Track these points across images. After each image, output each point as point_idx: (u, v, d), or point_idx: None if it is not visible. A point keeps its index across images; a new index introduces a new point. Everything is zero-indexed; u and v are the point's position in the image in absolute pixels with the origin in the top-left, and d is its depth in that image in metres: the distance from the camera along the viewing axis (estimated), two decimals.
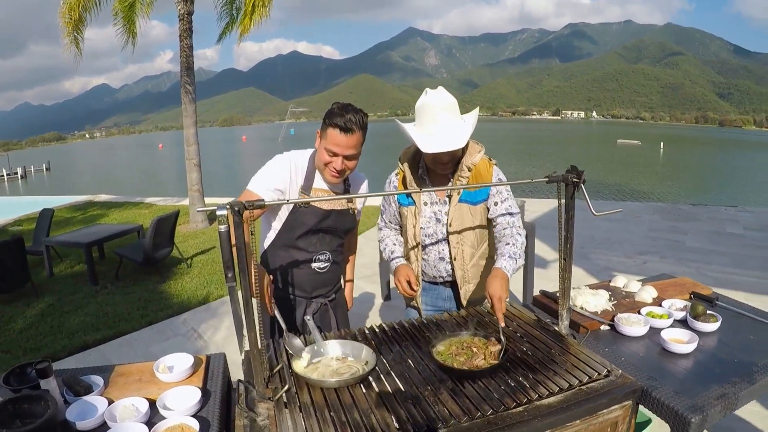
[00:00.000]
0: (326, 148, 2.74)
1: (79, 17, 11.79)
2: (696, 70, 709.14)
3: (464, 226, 3.05)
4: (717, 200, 26.55)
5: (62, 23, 11.87)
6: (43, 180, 62.93)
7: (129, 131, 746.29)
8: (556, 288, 2.68)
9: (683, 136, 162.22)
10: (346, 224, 3.08)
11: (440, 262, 3.14)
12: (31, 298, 7.59)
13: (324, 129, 2.75)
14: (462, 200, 3.03)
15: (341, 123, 2.67)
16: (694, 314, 2.82)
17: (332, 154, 2.74)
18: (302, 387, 2.14)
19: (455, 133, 2.79)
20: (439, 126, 2.78)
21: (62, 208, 16.58)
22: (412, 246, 3.16)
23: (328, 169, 2.80)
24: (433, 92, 2.86)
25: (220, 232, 1.77)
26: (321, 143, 2.78)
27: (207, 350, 5.76)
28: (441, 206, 3.08)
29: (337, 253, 3.13)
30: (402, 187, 3.14)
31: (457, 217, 3.03)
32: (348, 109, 2.71)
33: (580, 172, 2.34)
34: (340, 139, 2.70)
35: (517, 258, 2.90)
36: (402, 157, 3.16)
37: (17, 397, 2.07)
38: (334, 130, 2.69)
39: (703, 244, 9.26)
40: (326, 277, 3.10)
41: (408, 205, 3.13)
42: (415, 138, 2.81)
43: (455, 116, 2.85)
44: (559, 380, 2.13)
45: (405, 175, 3.11)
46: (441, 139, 2.76)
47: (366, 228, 11.04)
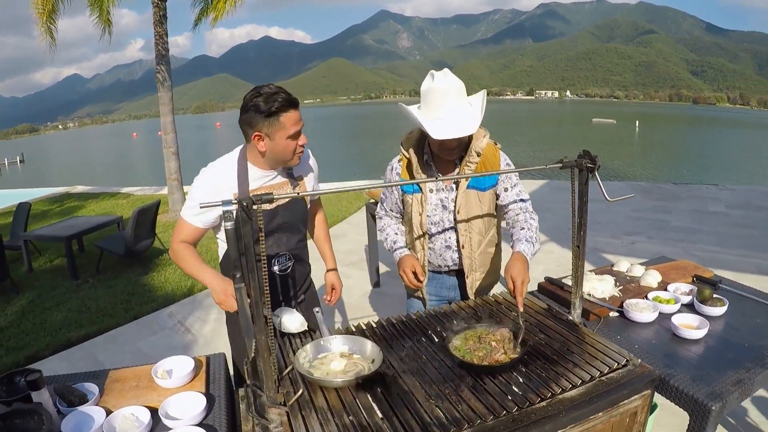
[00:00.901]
0: (289, 136, 2.53)
1: (52, 7, 11.58)
2: (669, 48, 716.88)
3: (472, 214, 2.95)
4: (697, 178, 26.71)
5: (35, 14, 11.63)
6: (18, 172, 62.24)
7: (102, 121, 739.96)
8: (548, 270, 2.63)
9: (658, 114, 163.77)
10: (299, 215, 2.89)
11: (446, 251, 3.04)
12: (11, 295, 7.40)
13: (272, 122, 2.48)
14: (470, 186, 2.92)
15: (287, 99, 2.48)
16: (702, 298, 2.80)
17: (296, 135, 2.56)
18: (315, 390, 2.02)
19: (465, 118, 2.68)
20: (448, 110, 2.66)
21: (39, 201, 16.33)
22: (417, 235, 3.05)
23: (297, 155, 2.64)
24: (439, 75, 2.71)
25: (227, 229, 1.67)
26: (277, 137, 2.52)
27: (196, 344, 5.67)
28: (447, 193, 2.97)
29: (299, 249, 2.96)
30: (406, 174, 3.02)
31: (464, 204, 2.93)
32: (274, 88, 2.51)
33: (594, 157, 2.26)
34: (296, 115, 2.52)
35: (534, 242, 2.83)
36: (405, 142, 3.04)
37: (8, 412, 1.96)
38: (287, 112, 2.48)
39: (687, 223, 9.28)
40: (290, 279, 2.93)
41: (413, 193, 3.01)
42: (424, 124, 2.67)
43: (463, 100, 2.73)
44: (580, 372, 2.07)
45: (410, 162, 2.99)
46: (450, 124, 2.64)
47: (349, 213, 10.98)
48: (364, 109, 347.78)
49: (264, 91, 2.47)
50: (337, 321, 6.05)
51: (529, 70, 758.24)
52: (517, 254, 2.73)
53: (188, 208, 2.68)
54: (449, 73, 2.72)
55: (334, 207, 11.33)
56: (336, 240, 8.98)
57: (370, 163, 38.57)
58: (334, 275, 3.24)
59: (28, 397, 2.06)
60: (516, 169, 2.63)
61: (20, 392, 2.17)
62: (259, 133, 2.51)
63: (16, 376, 2.30)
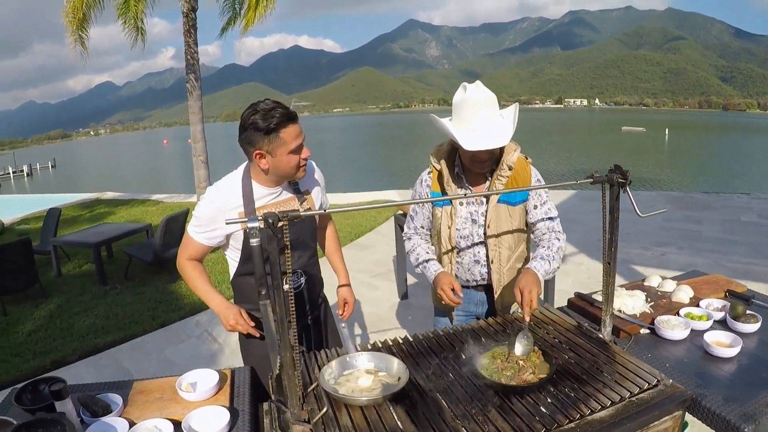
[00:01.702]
0: (291, 151, 2.48)
1: (83, 15, 11.70)
2: (698, 54, 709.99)
3: (502, 229, 2.92)
4: (727, 187, 26.41)
5: (66, 22, 11.77)
6: (49, 177, 63.18)
7: (133, 128, 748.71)
8: (578, 282, 2.59)
9: (688, 122, 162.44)
10: (308, 231, 2.84)
11: (475, 265, 3.01)
12: (39, 300, 7.50)
13: (272, 139, 2.44)
14: (501, 201, 2.89)
15: (287, 115, 2.43)
16: (734, 315, 2.72)
17: (298, 149, 2.51)
18: (340, 407, 2.00)
19: (498, 130, 2.66)
20: (480, 122, 2.63)
21: (69, 207, 16.52)
22: (446, 249, 3.00)
23: (301, 168, 2.60)
24: (472, 86, 2.69)
25: (253, 246, 1.65)
26: (279, 153, 2.48)
27: (222, 354, 5.69)
28: (477, 206, 2.93)
29: (310, 266, 2.92)
30: (437, 186, 2.96)
31: (495, 219, 2.89)
32: (271, 103, 2.46)
33: (626, 172, 2.21)
34: (296, 129, 2.48)
35: (551, 260, 2.83)
36: (435, 154, 2.99)
37: (32, 421, 1.95)
38: (287, 127, 2.43)
39: (719, 233, 9.13)
40: (302, 296, 2.89)
41: (443, 206, 2.96)
42: (456, 135, 2.64)
43: (495, 112, 2.71)
44: (609, 393, 2.03)
45: (441, 174, 2.93)
46: (482, 135, 2.62)
47: (377, 223, 10.88)
48: (393, 118, 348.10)
49: (261, 108, 2.44)
50: (365, 333, 6.03)
51: (557, 79, 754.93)
52: (526, 269, 2.76)
53: (193, 225, 2.69)
54: (481, 85, 2.70)
55: (362, 217, 11.28)
56: (364, 250, 9.02)
57: (398, 172, 38.62)
58: (347, 291, 3.19)
59: (51, 406, 2.07)
60: (547, 185, 2.60)
61: (44, 401, 2.17)
62: (260, 151, 2.48)
63: (40, 384, 2.29)
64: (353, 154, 60.32)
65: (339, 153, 16.68)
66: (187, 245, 2.75)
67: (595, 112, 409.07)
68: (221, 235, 2.67)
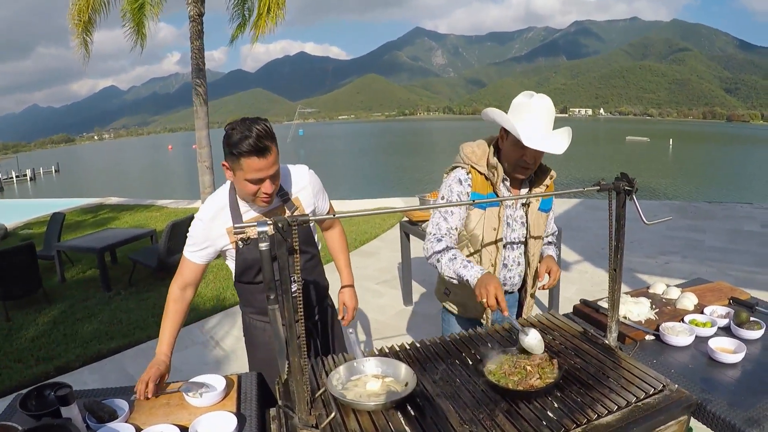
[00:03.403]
0: (247, 179, 2.42)
1: (89, 19, 11.76)
2: (702, 65, 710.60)
3: (539, 232, 3.08)
4: (731, 197, 26.40)
5: (71, 25, 11.86)
6: (53, 182, 63.16)
7: (138, 133, 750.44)
8: (583, 290, 2.60)
9: (692, 132, 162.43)
10: (303, 237, 2.82)
11: (517, 267, 3.09)
12: (43, 305, 7.50)
13: (234, 160, 2.39)
14: (540, 208, 3.04)
15: (254, 146, 2.33)
16: (738, 321, 2.74)
17: (257, 181, 2.43)
18: (348, 413, 2.00)
19: (555, 139, 2.73)
20: (542, 126, 2.70)
21: (73, 211, 16.59)
22: (489, 251, 3.00)
23: (259, 198, 2.51)
24: (538, 95, 2.75)
25: (262, 250, 1.66)
26: (237, 175, 2.44)
27: (227, 360, 5.69)
28: (512, 210, 3.00)
29: (308, 271, 2.92)
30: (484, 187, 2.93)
31: (534, 223, 3.03)
32: (250, 126, 2.34)
33: (632, 179, 2.24)
34: (260, 164, 2.38)
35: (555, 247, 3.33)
36: (471, 155, 2.96)
37: (37, 427, 1.94)
38: (249, 158, 2.35)
39: (723, 242, 9.15)
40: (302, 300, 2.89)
41: (486, 208, 2.93)
42: (520, 131, 2.65)
43: (552, 124, 2.78)
44: (616, 398, 2.04)
45: (485, 176, 2.92)
46: (542, 138, 2.68)
47: (382, 230, 10.95)
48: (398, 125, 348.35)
49: (243, 127, 2.37)
50: (369, 340, 6.05)
51: (563, 88, 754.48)
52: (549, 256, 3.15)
53: (188, 246, 2.71)
54: (546, 97, 2.75)
55: (367, 225, 11.34)
56: (369, 257, 9.02)
57: (403, 180, 38.64)
58: (348, 292, 3.15)
59: (57, 412, 2.07)
60: (556, 192, 2.61)
61: (49, 406, 2.17)
62: (226, 164, 2.49)
63: (46, 389, 2.29)
64: (358, 161, 60.37)
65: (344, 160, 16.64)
66: (182, 269, 2.76)
67: (599, 121, 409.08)
68: (214, 252, 2.71)
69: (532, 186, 3.00)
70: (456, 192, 2.93)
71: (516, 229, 2.99)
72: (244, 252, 2.67)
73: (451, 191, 2.95)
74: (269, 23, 12.36)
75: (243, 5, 13.25)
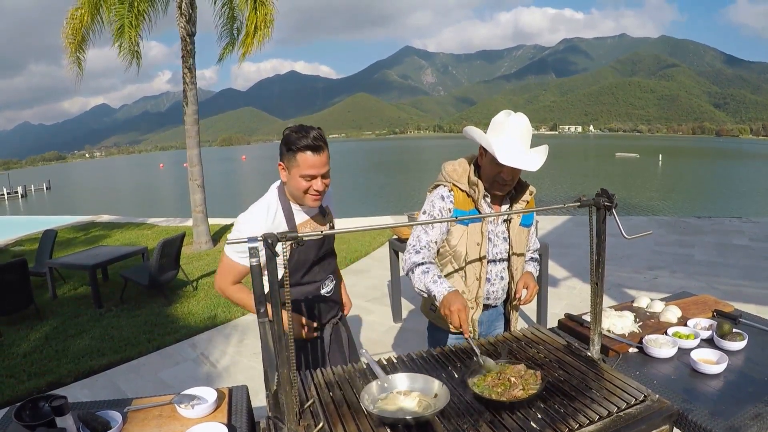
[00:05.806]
0: (302, 175, 2.67)
1: (83, 37, 11.78)
2: (691, 81, 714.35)
3: (520, 248, 3.16)
4: (720, 211, 26.50)
5: (65, 43, 11.86)
6: (44, 199, 62.98)
7: (129, 151, 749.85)
8: (571, 306, 2.66)
9: (681, 147, 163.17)
10: (333, 241, 3.11)
11: (500, 282, 3.13)
12: (35, 321, 7.49)
13: (291, 157, 2.67)
14: (521, 223, 3.11)
15: (310, 143, 2.62)
16: (721, 333, 2.79)
17: (310, 177, 2.69)
18: (336, 423, 2.04)
19: (531, 157, 2.80)
20: (518, 144, 2.77)
21: (64, 229, 16.54)
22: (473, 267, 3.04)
23: (309, 194, 2.75)
24: (515, 114, 2.82)
25: (252, 265, 1.71)
26: (293, 172, 2.70)
27: (219, 376, 5.70)
28: (493, 226, 3.06)
29: (336, 271, 3.20)
30: (465, 204, 2.99)
31: (516, 238, 3.10)
32: (307, 129, 2.66)
33: (612, 195, 2.30)
34: (314, 160, 2.65)
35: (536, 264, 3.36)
36: (452, 173, 3.02)
37: None
38: (305, 153, 2.63)
39: (711, 257, 9.20)
40: (333, 298, 3.10)
41: (469, 224, 3.00)
42: (496, 148, 2.72)
43: (529, 142, 2.86)
44: (597, 408, 2.08)
45: (467, 193, 2.97)
46: (517, 155, 2.75)
47: (372, 248, 11.01)
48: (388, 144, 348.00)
49: (300, 129, 2.66)
50: None
51: (552, 106, 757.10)
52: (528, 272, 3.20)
53: (236, 250, 2.80)
54: (523, 116, 2.82)
55: (357, 242, 11.37)
56: (359, 275, 9.05)
57: (393, 198, 38.63)
58: None
59: (52, 423, 2.10)
60: (538, 209, 2.65)
61: (44, 417, 2.20)
62: (282, 164, 2.74)
63: (40, 401, 2.32)
64: (349, 180, 60.34)
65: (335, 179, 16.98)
66: (231, 271, 2.86)
67: (589, 138, 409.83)
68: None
69: (513, 202, 3.07)
70: (438, 207, 2.99)
71: (498, 244, 3.05)
72: (296, 252, 2.83)
73: (434, 206, 3.01)
74: (256, 42, 12.42)
75: (232, 24, 13.29)
